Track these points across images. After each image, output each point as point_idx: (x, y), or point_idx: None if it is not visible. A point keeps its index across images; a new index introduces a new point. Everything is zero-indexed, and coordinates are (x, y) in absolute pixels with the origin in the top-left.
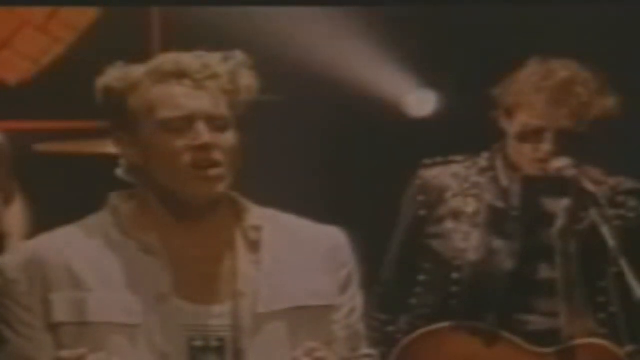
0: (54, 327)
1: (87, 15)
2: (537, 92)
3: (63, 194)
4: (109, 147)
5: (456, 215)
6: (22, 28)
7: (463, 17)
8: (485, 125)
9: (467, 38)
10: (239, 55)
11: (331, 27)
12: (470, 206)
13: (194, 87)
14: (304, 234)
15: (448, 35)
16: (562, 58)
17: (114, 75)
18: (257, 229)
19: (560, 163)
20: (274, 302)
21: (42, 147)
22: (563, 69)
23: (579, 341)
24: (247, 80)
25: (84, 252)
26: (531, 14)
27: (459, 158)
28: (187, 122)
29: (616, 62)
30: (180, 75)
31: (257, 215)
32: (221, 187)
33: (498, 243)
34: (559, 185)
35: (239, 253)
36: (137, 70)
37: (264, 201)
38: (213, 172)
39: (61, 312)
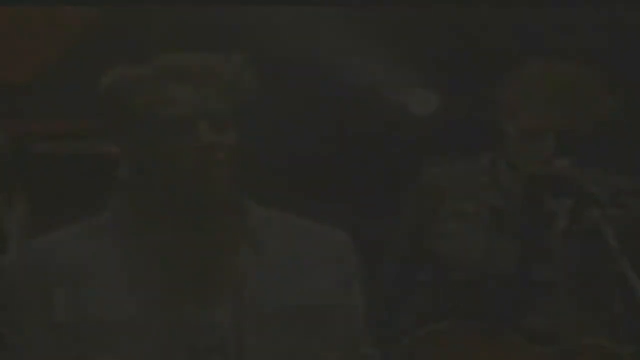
0: (54, 327)
1: (87, 15)
2: (538, 92)
3: (63, 194)
4: (109, 147)
5: (457, 215)
6: (22, 28)
7: (463, 17)
8: (486, 125)
9: (466, 38)
10: (240, 56)
11: (331, 27)
12: (471, 206)
13: (196, 88)
14: (306, 234)
15: (448, 35)
16: (562, 58)
17: (114, 75)
18: (259, 229)
19: (561, 163)
20: (275, 301)
21: (42, 147)
22: (563, 69)
23: (579, 341)
24: (248, 80)
25: (84, 252)
26: (531, 14)
27: (459, 158)
28: (188, 122)
29: (616, 62)
30: (181, 75)
31: (259, 215)
32: (222, 188)
33: (499, 243)
34: (559, 185)
35: (240, 253)
36: (138, 70)
37: (264, 201)
38: (214, 172)
39: (61, 312)
